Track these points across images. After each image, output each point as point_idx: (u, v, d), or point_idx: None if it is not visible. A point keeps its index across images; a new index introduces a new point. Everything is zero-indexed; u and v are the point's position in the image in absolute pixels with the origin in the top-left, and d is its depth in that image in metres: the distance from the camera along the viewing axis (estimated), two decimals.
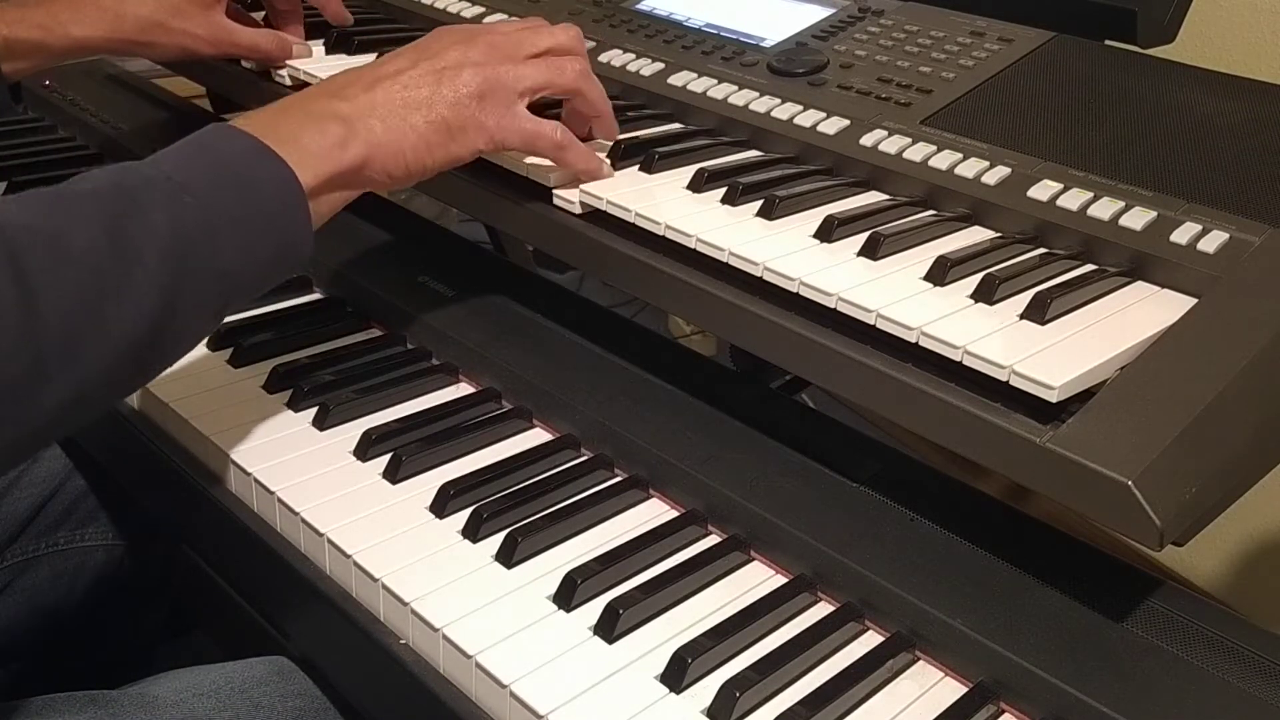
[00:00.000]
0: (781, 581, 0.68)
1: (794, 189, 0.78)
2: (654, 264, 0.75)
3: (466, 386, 0.86)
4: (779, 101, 0.87)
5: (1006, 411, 0.60)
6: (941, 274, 0.68)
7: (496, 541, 0.68)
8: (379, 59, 0.75)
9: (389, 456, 0.75)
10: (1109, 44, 0.88)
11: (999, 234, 0.75)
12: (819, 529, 0.68)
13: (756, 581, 0.68)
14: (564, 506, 0.72)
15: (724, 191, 0.78)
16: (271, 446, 0.77)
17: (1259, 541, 1.58)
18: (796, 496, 0.71)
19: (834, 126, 0.83)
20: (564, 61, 0.77)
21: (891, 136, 0.81)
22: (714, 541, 0.71)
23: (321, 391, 0.82)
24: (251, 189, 0.63)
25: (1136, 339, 0.63)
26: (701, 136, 0.88)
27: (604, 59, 0.97)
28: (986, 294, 0.66)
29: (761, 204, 0.76)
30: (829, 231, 0.73)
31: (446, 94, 0.72)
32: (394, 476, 0.74)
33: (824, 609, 0.66)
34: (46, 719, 0.69)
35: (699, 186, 0.79)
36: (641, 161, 0.82)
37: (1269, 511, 1.55)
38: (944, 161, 0.78)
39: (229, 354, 0.87)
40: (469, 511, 0.70)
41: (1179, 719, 0.56)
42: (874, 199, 0.79)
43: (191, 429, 0.79)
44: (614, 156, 0.82)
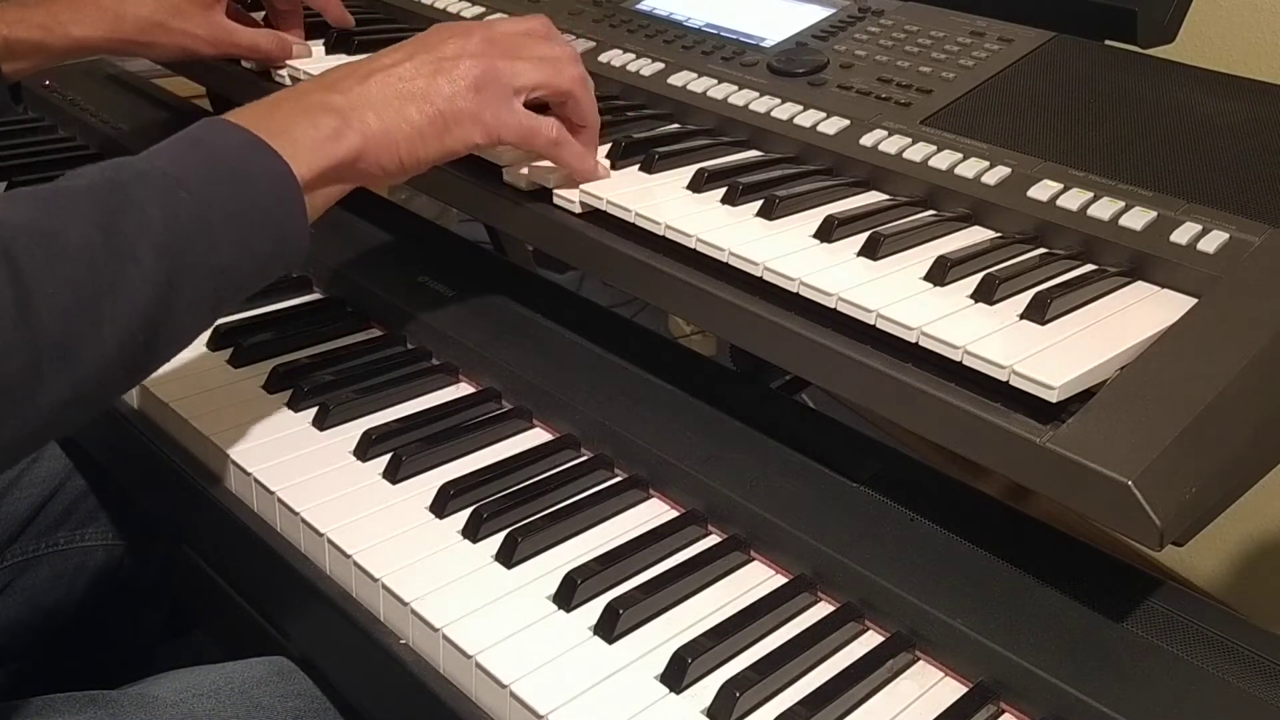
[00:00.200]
0: (781, 581, 0.68)
1: (794, 189, 0.78)
2: (654, 264, 0.75)
3: (466, 386, 0.86)
4: (779, 101, 0.87)
5: (1006, 411, 0.60)
6: (941, 274, 0.68)
7: (496, 541, 0.68)
8: (376, 53, 0.75)
9: (389, 456, 0.75)
10: (1109, 44, 0.88)
11: (999, 234, 0.75)
12: (819, 529, 0.68)
13: (756, 581, 0.68)
14: (564, 506, 0.72)
15: (724, 191, 0.78)
16: (271, 446, 0.77)
17: (1259, 541, 1.58)
18: (796, 496, 0.71)
19: (834, 126, 0.83)
20: (561, 64, 0.77)
21: (891, 136, 0.81)
22: (714, 541, 0.71)
23: (321, 391, 0.82)
24: (246, 183, 0.62)
25: (1136, 339, 0.63)
26: (701, 136, 0.88)
27: (604, 59, 0.97)
28: (986, 294, 0.66)
29: (761, 204, 0.76)
30: (829, 231, 0.73)
31: (442, 86, 0.71)
32: (394, 476, 0.74)
33: (824, 609, 0.66)
34: (46, 719, 0.69)
35: (699, 186, 0.79)
36: (642, 161, 0.82)
37: (1269, 511, 1.55)
38: (944, 161, 0.78)
39: (229, 354, 0.87)
40: (469, 511, 0.70)
41: (1179, 719, 0.56)
42: (874, 199, 0.79)
43: (191, 429, 0.79)
44: (614, 156, 0.83)
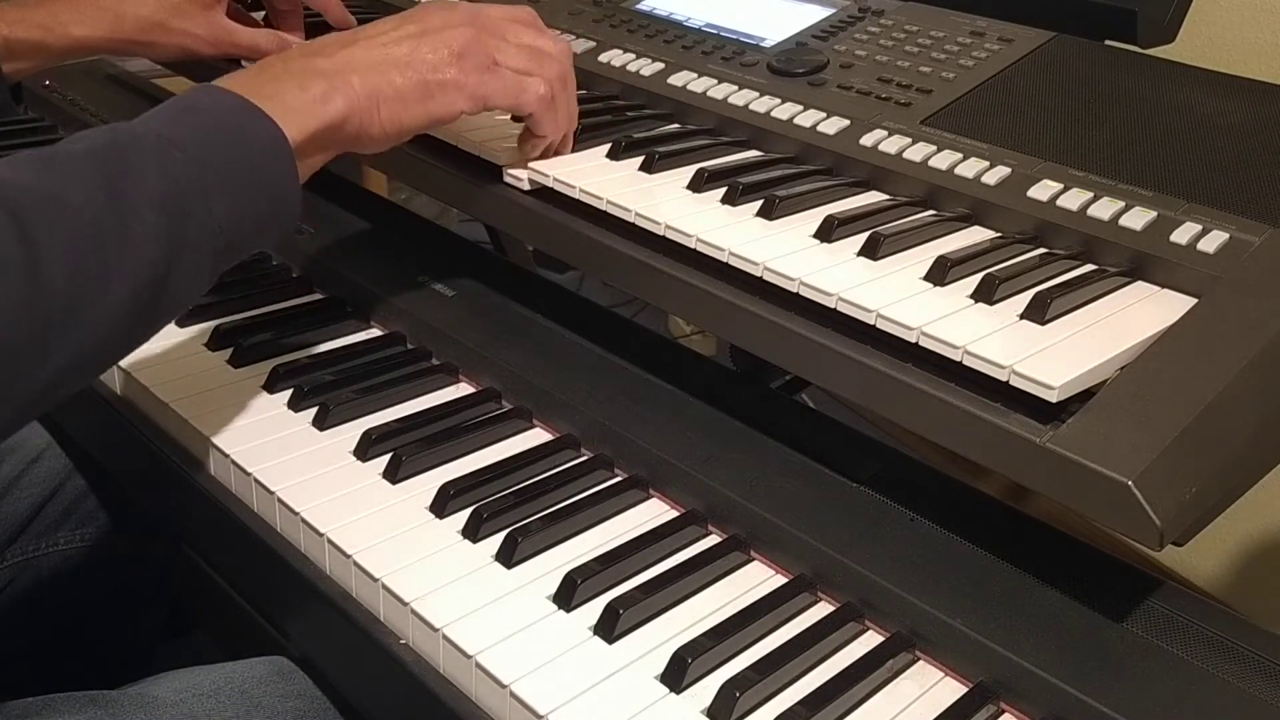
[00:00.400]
0: (781, 581, 0.68)
1: (794, 189, 0.78)
2: (654, 264, 0.75)
3: (466, 386, 0.86)
4: (779, 101, 0.87)
5: (1006, 411, 0.60)
6: (941, 274, 0.68)
7: (496, 541, 0.68)
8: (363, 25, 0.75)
9: (389, 456, 0.75)
10: (1109, 44, 0.88)
11: (999, 234, 0.75)
12: (819, 529, 0.68)
13: (756, 581, 0.68)
14: (564, 506, 0.72)
15: (724, 191, 0.78)
16: (271, 446, 0.77)
17: (1259, 541, 1.58)
18: (796, 496, 0.71)
19: (834, 126, 0.83)
20: (546, 58, 0.77)
21: (891, 136, 0.81)
22: (714, 541, 0.71)
23: (321, 391, 0.82)
24: (240, 145, 0.63)
25: (1136, 339, 0.63)
26: (701, 136, 0.88)
27: (604, 59, 0.97)
28: (986, 294, 0.66)
29: (761, 204, 0.76)
30: (829, 231, 0.73)
31: (425, 53, 0.72)
32: (394, 476, 0.74)
33: (824, 609, 0.66)
34: (46, 719, 0.69)
35: (699, 186, 0.79)
36: (642, 161, 0.82)
37: (1269, 511, 1.55)
38: (944, 161, 0.78)
39: (229, 354, 0.87)
40: (469, 511, 0.70)
41: (1179, 719, 0.56)
42: (874, 199, 0.79)
43: (191, 429, 0.79)
44: (614, 156, 0.83)
